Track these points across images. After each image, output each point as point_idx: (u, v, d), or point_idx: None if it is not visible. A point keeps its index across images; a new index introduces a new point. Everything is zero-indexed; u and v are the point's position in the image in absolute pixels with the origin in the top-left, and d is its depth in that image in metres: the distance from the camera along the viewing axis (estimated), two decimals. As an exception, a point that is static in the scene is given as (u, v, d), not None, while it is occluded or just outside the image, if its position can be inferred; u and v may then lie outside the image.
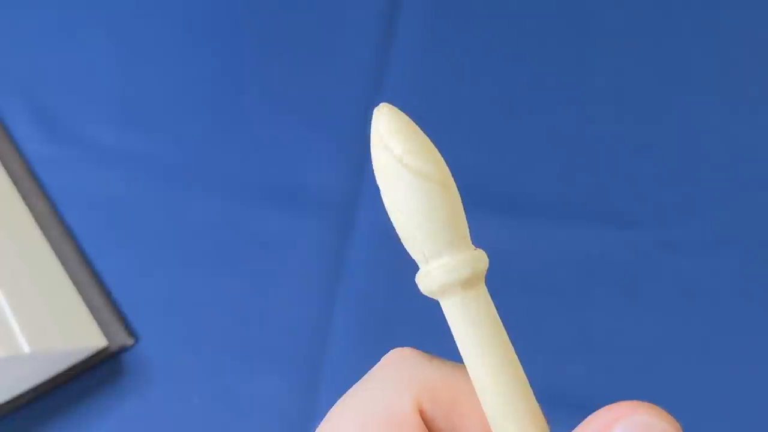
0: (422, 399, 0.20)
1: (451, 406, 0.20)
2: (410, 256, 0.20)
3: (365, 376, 0.21)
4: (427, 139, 0.19)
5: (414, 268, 0.48)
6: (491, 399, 0.19)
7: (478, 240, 0.47)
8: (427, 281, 0.19)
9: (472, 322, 0.19)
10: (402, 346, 0.26)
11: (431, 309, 0.45)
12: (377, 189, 0.53)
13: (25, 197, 0.46)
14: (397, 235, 0.21)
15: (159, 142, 0.49)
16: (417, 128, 0.19)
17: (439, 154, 0.19)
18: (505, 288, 0.42)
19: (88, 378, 0.41)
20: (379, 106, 0.19)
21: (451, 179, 0.19)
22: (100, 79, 0.51)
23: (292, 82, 0.51)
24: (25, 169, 0.47)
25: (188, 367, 0.42)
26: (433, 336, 0.43)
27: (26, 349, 0.37)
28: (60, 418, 0.41)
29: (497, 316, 0.19)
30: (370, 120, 0.47)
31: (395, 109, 0.19)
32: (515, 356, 0.19)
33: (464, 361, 0.19)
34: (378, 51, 0.51)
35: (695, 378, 0.41)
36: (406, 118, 0.19)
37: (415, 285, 0.21)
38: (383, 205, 0.20)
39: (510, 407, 0.19)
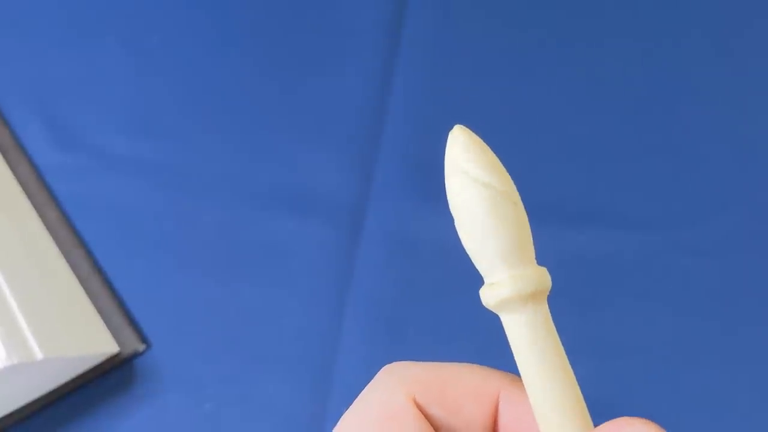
0: (414, 391, 0.21)
1: (441, 393, 0.22)
2: (478, 270, 0.20)
3: (360, 394, 0.22)
4: (496, 158, 0.20)
5: (422, 273, 0.48)
6: (548, 414, 0.19)
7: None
8: (504, 291, 0.19)
9: (542, 336, 0.19)
10: (411, 349, 0.27)
11: (440, 313, 0.45)
12: (386, 194, 0.53)
13: (36, 205, 0.46)
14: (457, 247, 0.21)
15: (169, 150, 0.49)
16: (487, 148, 0.20)
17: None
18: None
19: (100, 384, 0.42)
20: (453, 130, 0.20)
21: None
22: (110, 88, 0.51)
23: (301, 90, 0.51)
24: (36, 177, 0.47)
25: (200, 372, 0.42)
26: (441, 340, 0.43)
27: (39, 355, 0.37)
28: (72, 425, 0.41)
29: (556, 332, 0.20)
30: (379, 125, 0.47)
31: (469, 132, 0.20)
32: (573, 374, 0.20)
33: (524, 375, 0.20)
34: (384, 58, 0.52)
35: (706, 379, 0.41)
36: (479, 140, 0.20)
37: (429, 292, 0.21)
38: (457, 222, 0.20)
39: (566, 422, 0.19)
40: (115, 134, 0.49)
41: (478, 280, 0.48)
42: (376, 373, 0.23)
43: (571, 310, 0.43)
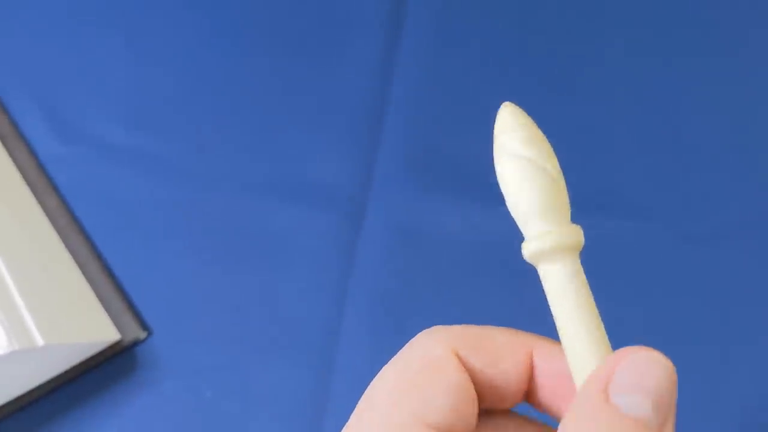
0: (455, 345, 0.23)
1: (479, 347, 0.23)
2: (521, 227, 0.23)
3: (399, 352, 0.24)
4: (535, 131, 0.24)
5: (423, 262, 0.48)
6: (578, 350, 0.21)
7: (494, 232, 0.47)
8: (544, 243, 0.22)
9: (577, 283, 0.22)
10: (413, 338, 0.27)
11: (441, 302, 0.45)
12: (388, 184, 0.53)
13: (36, 194, 0.46)
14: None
15: (169, 139, 0.49)
16: (528, 122, 0.24)
17: None
18: (518, 279, 0.42)
19: (101, 371, 0.42)
20: (501, 108, 0.23)
21: None
22: (110, 79, 0.51)
23: (302, 78, 0.51)
24: (36, 167, 0.47)
25: (201, 360, 0.42)
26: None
27: (39, 342, 0.37)
28: (74, 412, 0.41)
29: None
30: (380, 115, 0.47)
31: (513, 109, 0.24)
32: (600, 318, 0.22)
33: (558, 318, 0.22)
34: (386, 46, 0.51)
35: (709, 370, 0.41)
36: (521, 115, 0.24)
37: (430, 281, 0.23)
38: (502, 186, 0.23)
39: (593, 357, 0.21)
40: (114, 124, 0.49)
41: (478, 271, 0.48)
42: (377, 362, 0.24)
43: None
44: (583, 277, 0.22)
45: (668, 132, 0.49)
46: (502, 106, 0.23)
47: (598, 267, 0.44)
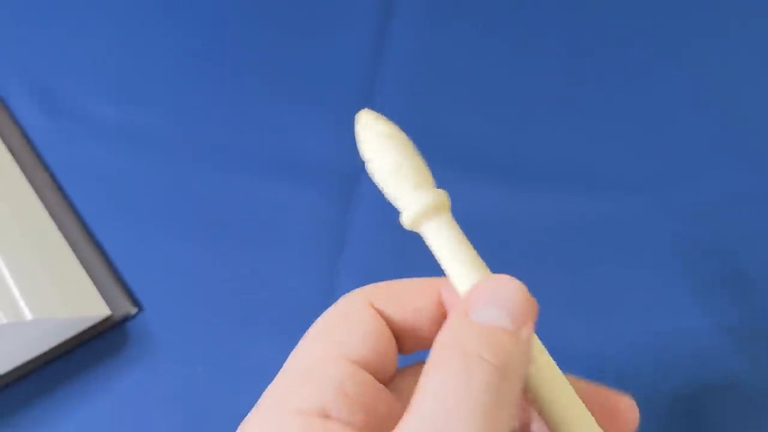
0: (373, 299, 0.26)
1: (392, 294, 0.27)
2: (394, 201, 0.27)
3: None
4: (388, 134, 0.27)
5: (414, 240, 0.48)
6: (459, 271, 0.25)
7: (485, 213, 0.47)
8: (416, 209, 0.26)
9: (454, 235, 0.26)
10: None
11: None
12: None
13: (25, 170, 0.46)
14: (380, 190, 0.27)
15: (159, 116, 0.49)
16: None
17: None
18: (506, 253, 0.42)
19: (91, 347, 0.42)
20: (360, 112, 0.27)
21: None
22: (99, 55, 0.51)
23: (292, 55, 0.51)
24: (24, 143, 0.47)
25: (192, 335, 0.42)
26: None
27: (28, 316, 0.37)
28: (64, 387, 0.41)
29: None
30: (374, 93, 0.47)
31: (372, 113, 0.27)
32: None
33: (444, 259, 0.26)
34: (378, 24, 0.51)
35: (700, 345, 0.42)
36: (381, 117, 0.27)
37: (421, 260, 0.28)
38: (375, 172, 0.27)
39: (474, 274, 0.25)
40: (105, 101, 0.49)
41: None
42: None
43: (562, 272, 0.43)
44: (458, 227, 0.26)
45: (649, 105, 0.49)
46: (361, 113, 0.27)
47: (581, 240, 0.44)
